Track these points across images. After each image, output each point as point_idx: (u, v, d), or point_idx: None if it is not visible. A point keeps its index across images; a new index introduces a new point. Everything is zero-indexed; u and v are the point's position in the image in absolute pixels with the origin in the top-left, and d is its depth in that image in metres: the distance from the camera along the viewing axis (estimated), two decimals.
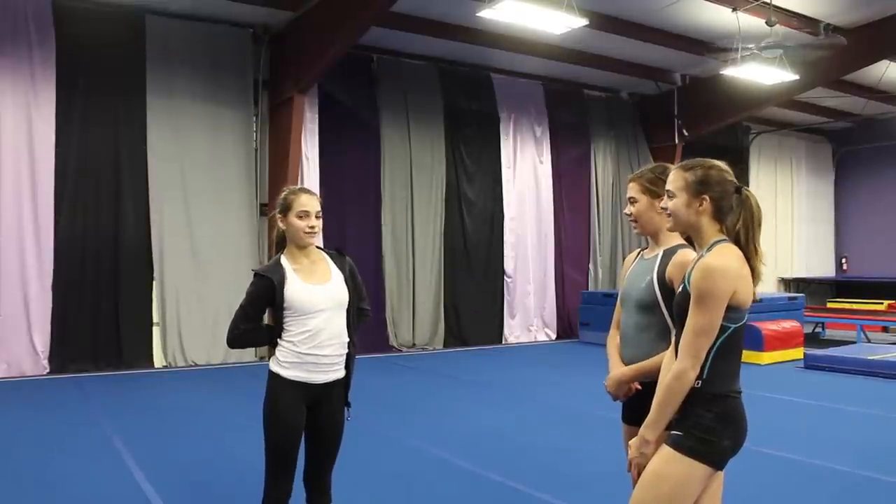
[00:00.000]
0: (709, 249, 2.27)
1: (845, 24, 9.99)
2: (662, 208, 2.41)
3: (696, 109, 12.77)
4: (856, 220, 17.09)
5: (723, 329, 2.19)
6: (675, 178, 2.35)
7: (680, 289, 2.29)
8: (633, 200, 2.68)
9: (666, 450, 2.20)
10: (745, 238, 2.26)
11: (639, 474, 2.27)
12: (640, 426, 2.27)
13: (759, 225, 2.28)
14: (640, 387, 2.55)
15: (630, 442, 2.30)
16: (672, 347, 2.34)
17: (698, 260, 2.26)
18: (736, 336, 2.23)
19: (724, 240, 2.28)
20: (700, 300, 2.16)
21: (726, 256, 2.21)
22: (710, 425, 2.18)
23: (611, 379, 2.62)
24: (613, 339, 2.70)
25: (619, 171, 13.19)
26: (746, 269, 2.23)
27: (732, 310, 2.19)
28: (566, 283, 12.58)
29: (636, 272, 2.66)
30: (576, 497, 4.24)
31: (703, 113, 12.73)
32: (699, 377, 2.18)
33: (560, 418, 6.45)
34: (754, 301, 2.28)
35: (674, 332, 2.35)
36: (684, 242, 2.60)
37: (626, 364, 2.60)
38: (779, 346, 9.70)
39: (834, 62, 10.38)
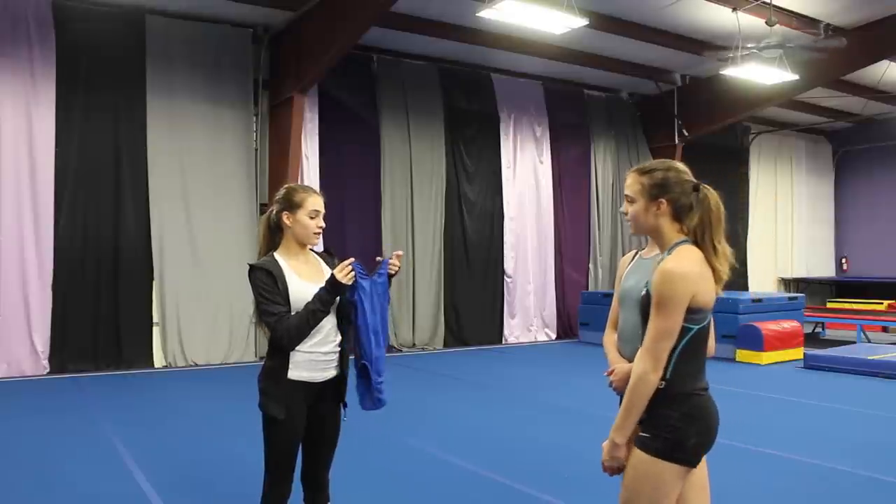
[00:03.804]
0: (669, 252, 2.28)
1: (845, 24, 9.99)
2: (623, 213, 2.44)
3: (696, 109, 12.77)
4: (856, 220, 17.08)
5: (686, 330, 2.20)
6: (632, 183, 2.37)
7: (644, 292, 2.29)
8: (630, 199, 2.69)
9: (636, 452, 2.23)
10: (703, 237, 2.26)
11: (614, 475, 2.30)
12: (639, 424, 2.28)
13: (720, 223, 2.27)
14: None
15: (602, 445, 2.31)
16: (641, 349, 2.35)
17: (660, 263, 2.26)
18: (699, 336, 2.24)
19: (685, 241, 2.29)
20: (659, 304, 2.17)
21: (686, 259, 2.22)
22: (675, 425, 2.19)
23: (619, 372, 2.61)
24: (610, 337, 2.69)
25: (618, 171, 13.19)
26: (707, 270, 2.23)
27: (694, 312, 2.20)
28: (566, 283, 12.58)
29: (635, 272, 2.66)
30: (576, 497, 4.25)
31: (703, 113, 12.73)
32: (663, 378, 2.20)
33: (560, 418, 6.45)
34: (718, 297, 2.29)
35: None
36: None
37: (628, 361, 2.60)
38: (779, 346, 9.71)
39: (834, 62, 10.37)
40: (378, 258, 3.04)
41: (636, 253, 2.69)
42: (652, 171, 2.33)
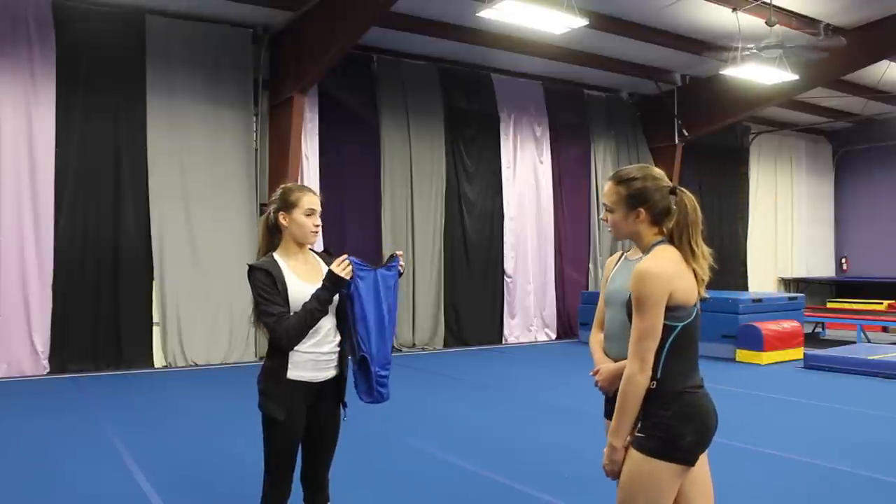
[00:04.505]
0: (647, 252, 2.32)
1: (845, 24, 9.99)
2: (602, 220, 2.47)
3: (696, 109, 12.77)
4: (856, 220, 17.08)
5: (670, 328, 2.21)
6: (610, 193, 2.39)
7: (628, 294, 2.32)
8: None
9: (632, 453, 2.24)
10: (680, 240, 2.29)
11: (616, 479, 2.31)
12: (634, 425, 2.28)
13: (696, 225, 2.30)
14: None
15: (604, 451, 2.32)
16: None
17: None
18: (686, 333, 2.25)
19: (662, 241, 2.33)
20: (638, 305, 2.20)
21: (661, 259, 2.25)
22: (669, 424, 2.19)
23: (604, 372, 2.60)
24: (597, 337, 2.69)
25: None
26: (685, 268, 2.26)
27: (675, 309, 2.21)
28: (566, 283, 12.58)
29: (621, 273, 2.65)
30: (576, 497, 4.25)
31: (703, 113, 12.72)
32: (653, 378, 2.21)
33: (560, 418, 6.45)
34: (704, 300, 2.31)
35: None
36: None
37: (613, 361, 2.60)
38: (779, 346, 9.70)
39: (834, 62, 10.37)
40: (393, 254, 3.01)
41: (622, 254, 2.69)
42: (629, 181, 2.35)
